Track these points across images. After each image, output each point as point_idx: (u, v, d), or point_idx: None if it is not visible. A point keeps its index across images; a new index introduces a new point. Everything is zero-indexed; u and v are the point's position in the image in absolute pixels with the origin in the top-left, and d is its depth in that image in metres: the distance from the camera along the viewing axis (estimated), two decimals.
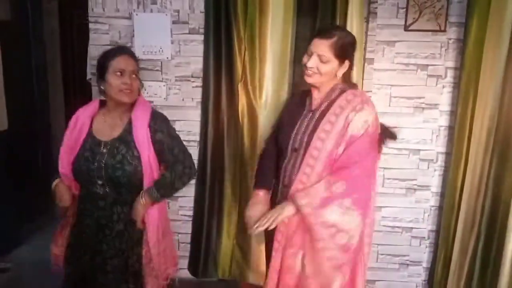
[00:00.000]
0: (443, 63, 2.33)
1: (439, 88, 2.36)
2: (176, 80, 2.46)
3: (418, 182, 2.45)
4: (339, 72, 1.65)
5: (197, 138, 2.51)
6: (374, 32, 2.31)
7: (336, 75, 1.65)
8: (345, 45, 1.62)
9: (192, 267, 2.63)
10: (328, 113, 1.61)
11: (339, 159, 1.57)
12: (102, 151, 1.64)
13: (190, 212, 2.59)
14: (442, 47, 2.31)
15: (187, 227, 2.60)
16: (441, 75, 2.35)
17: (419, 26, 2.29)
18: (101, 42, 2.41)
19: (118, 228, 1.68)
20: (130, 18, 2.39)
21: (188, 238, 2.61)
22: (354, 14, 2.20)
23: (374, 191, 1.70)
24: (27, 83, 3.46)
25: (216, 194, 2.54)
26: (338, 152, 1.58)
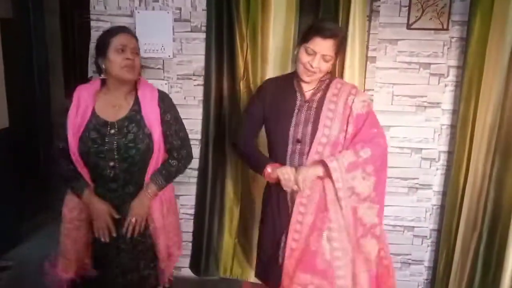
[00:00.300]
0: (445, 61, 2.32)
1: (441, 86, 2.35)
2: (178, 79, 2.46)
3: (420, 181, 2.45)
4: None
5: (198, 136, 2.51)
6: (377, 30, 2.31)
7: None
8: (343, 41, 1.68)
9: (193, 266, 2.63)
10: (325, 101, 1.66)
11: (357, 135, 1.64)
12: (110, 132, 1.60)
13: (192, 211, 2.59)
14: (444, 45, 2.30)
15: (189, 226, 2.60)
16: (443, 74, 2.34)
17: (421, 24, 2.28)
18: None
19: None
20: (131, 16, 2.39)
21: (189, 237, 2.61)
22: (356, 12, 2.19)
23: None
24: (28, 81, 3.46)
25: (217, 192, 2.53)
26: (348, 131, 1.64)
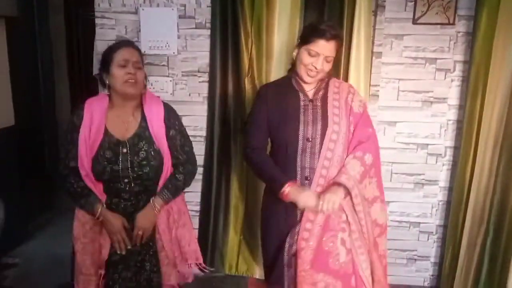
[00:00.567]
0: (451, 56, 2.31)
1: (447, 82, 2.34)
2: (183, 75, 2.46)
3: (426, 177, 2.44)
4: None
5: (203, 133, 2.51)
6: (382, 25, 2.30)
7: None
8: (342, 42, 1.72)
9: None
10: (329, 99, 1.69)
11: (353, 135, 1.68)
12: (123, 150, 1.61)
13: (197, 207, 2.59)
14: (450, 40, 2.29)
15: (194, 223, 2.58)
16: (449, 69, 2.33)
17: (427, 19, 2.27)
18: (107, 37, 2.41)
19: None
20: (136, 13, 2.39)
21: (195, 234, 2.60)
22: (362, 8, 2.19)
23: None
24: (33, 79, 3.47)
25: (222, 189, 2.54)
26: (350, 130, 1.68)
